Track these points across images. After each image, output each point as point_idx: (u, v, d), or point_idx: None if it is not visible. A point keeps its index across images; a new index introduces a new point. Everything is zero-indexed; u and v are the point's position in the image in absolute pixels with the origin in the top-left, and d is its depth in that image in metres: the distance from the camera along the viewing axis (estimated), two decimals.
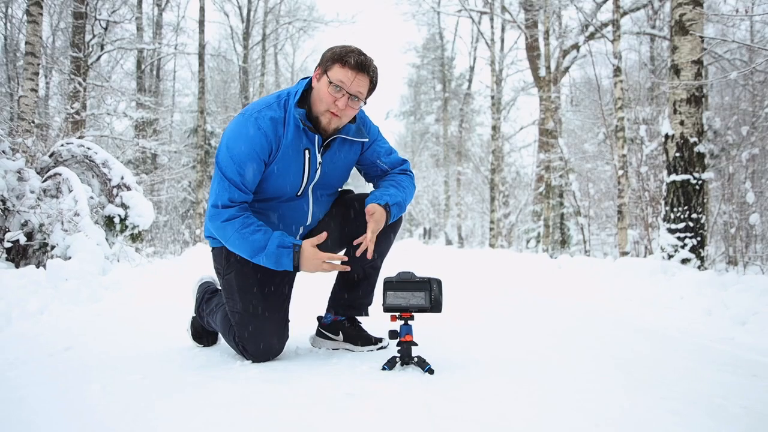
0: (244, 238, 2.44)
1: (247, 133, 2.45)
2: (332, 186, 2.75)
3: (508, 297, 5.46)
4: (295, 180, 2.57)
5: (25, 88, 8.03)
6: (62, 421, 1.82)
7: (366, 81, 2.46)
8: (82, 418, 1.84)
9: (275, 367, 2.48)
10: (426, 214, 40.24)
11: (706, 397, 2.09)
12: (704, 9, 6.87)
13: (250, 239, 2.43)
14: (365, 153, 2.75)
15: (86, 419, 1.83)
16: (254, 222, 2.47)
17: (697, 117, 6.68)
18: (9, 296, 3.96)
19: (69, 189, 6.41)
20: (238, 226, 2.45)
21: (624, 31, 14.52)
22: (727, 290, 4.51)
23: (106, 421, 1.81)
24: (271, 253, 2.44)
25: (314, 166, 2.58)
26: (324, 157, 2.60)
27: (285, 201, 2.62)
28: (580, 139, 17.88)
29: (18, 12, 14.68)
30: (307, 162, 2.55)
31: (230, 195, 2.46)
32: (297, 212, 2.67)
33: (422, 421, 1.78)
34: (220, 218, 2.47)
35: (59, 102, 14.50)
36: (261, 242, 2.44)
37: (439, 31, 32.20)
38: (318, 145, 2.55)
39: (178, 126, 24.90)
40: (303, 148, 2.52)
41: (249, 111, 2.50)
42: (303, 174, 2.57)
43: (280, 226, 2.66)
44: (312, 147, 2.54)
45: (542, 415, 1.85)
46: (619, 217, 10.46)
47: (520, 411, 1.89)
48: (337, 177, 2.73)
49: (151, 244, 11.07)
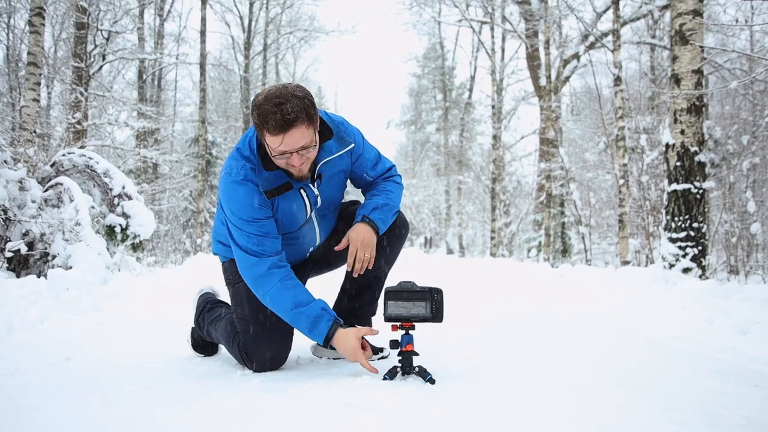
0: (286, 289, 2.41)
1: (241, 192, 2.42)
2: (334, 203, 2.76)
3: (509, 306, 5.45)
4: (299, 216, 2.60)
5: (27, 98, 8.05)
6: (63, 430, 1.82)
7: (300, 130, 2.29)
8: (83, 428, 1.84)
9: (276, 377, 2.48)
10: (427, 223, 40.23)
11: (708, 407, 2.08)
12: (704, 19, 6.90)
13: (293, 292, 2.42)
14: (355, 165, 2.73)
15: (87, 429, 1.83)
16: (293, 280, 2.46)
17: (697, 126, 6.69)
18: (10, 306, 3.96)
19: (70, 198, 6.42)
20: (282, 276, 2.43)
21: (624, 41, 14.56)
22: (729, 299, 4.50)
23: (106, 431, 1.81)
24: (311, 313, 2.40)
25: (313, 198, 2.59)
26: (321, 188, 2.60)
27: (293, 232, 2.65)
28: (580, 148, 17.90)
29: (20, 22, 14.76)
30: (306, 198, 2.56)
31: (261, 248, 2.44)
32: (306, 237, 2.72)
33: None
34: (262, 267, 2.43)
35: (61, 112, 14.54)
36: (305, 300, 2.42)
37: (440, 41, 32.34)
38: (310, 181, 2.55)
39: (179, 135, 24.96)
40: (298, 188, 2.53)
41: (234, 171, 2.44)
42: (305, 209, 2.59)
43: (291, 251, 2.69)
44: (305, 185, 2.54)
45: (543, 426, 1.85)
46: (620, 227, 10.46)
47: (521, 421, 1.88)
48: (337, 194, 2.74)
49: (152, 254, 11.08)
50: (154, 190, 14.10)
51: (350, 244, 2.58)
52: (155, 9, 20.60)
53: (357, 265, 2.57)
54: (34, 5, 8.14)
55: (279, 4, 24.46)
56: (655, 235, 10.36)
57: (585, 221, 14.24)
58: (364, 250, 2.57)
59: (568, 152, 16.48)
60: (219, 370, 2.66)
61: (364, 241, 2.57)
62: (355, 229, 2.59)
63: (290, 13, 26.23)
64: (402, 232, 2.81)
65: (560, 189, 15.77)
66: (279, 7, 24.65)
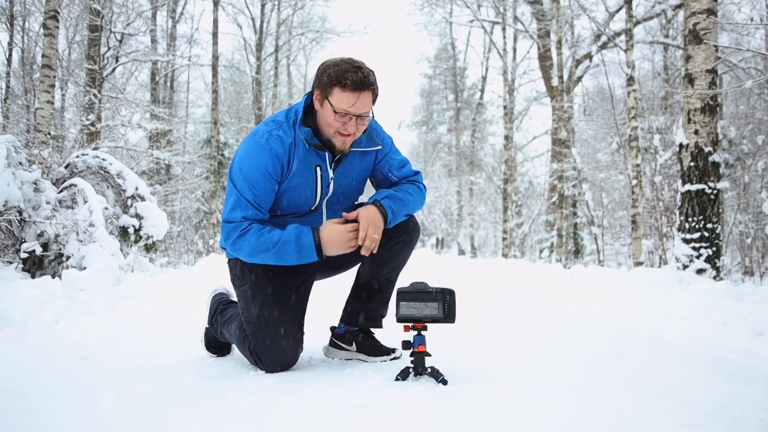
0: (260, 237, 2.42)
1: (258, 154, 2.44)
2: (347, 198, 2.73)
3: (521, 307, 5.44)
4: (309, 196, 2.58)
5: (42, 100, 8.12)
6: (76, 430, 1.83)
7: (369, 96, 2.41)
8: (96, 429, 1.85)
9: (288, 377, 2.49)
10: (438, 224, 40.19)
11: (722, 409, 2.06)
12: (718, 18, 6.85)
13: (267, 236, 2.42)
14: (378, 164, 2.73)
15: (100, 429, 1.84)
16: (269, 226, 2.47)
17: (711, 126, 6.65)
18: (25, 306, 4.00)
19: (84, 200, 6.46)
20: (255, 230, 2.44)
21: (637, 41, 14.47)
22: (744, 300, 4.47)
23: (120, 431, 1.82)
24: (289, 239, 2.40)
25: (326, 181, 2.58)
26: (336, 172, 2.60)
27: (300, 216, 2.62)
28: (593, 148, 17.83)
29: (35, 25, 14.90)
30: (319, 178, 2.55)
31: (245, 213, 2.46)
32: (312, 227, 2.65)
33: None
34: (235, 233, 2.46)
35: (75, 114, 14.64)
36: (277, 235, 2.41)
37: (451, 42, 32.27)
38: (329, 161, 2.55)
39: (191, 137, 25.08)
40: (314, 165, 2.53)
41: (260, 132, 2.48)
42: (316, 190, 2.57)
43: None
44: (323, 163, 2.54)
45: (555, 427, 1.84)
46: (633, 227, 10.40)
47: (534, 423, 1.88)
48: (351, 189, 2.72)
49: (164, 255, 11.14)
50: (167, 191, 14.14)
51: (360, 220, 2.47)
52: (168, 11, 20.74)
53: (367, 242, 2.44)
54: (49, 8, 8.21)
55: (290, 5, 24.49)
56: (668, 235, 10.30)
57: (597, 222, 14.18)
58: (373, 229, 2.47)
59: (581, 153, 16.41)
60: (231, 370, 2.67)
61: (374, 221, 2.47)
62: (365, 208, 2.51)
63: (302, 15, 26.29)
64: (414, 236, 2.77)
65: (572, 189, 15.70)
66: (290, 9, 24.68)
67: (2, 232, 5.84)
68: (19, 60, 15.57)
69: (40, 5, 13.11)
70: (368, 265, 2.79)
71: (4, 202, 5.54)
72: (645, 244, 11.08)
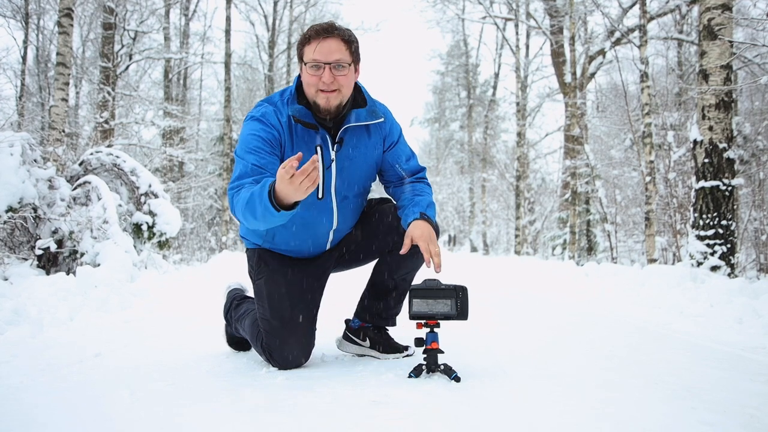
0: (246, 193, 2.26)
1: (253, 125, 2.47)
2: (355, 184, 2.64)
3: (534, 305, 5.42)
4: None
5: (56, 98, 8.17)
6: (91, 426, 1.84)
7: (337, 42, 2.40)
8: (111, 424, 1.86)
9: (301, 374, 2.49)
10: (451, 221, 40.12)
11: (739, 407, 2.05)
12: (733, 13, 6.78)
13: (248, 192, 2.26)
14: (387, 153, 2.70)
15: (115, 425, 1.85)
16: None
17: (726, 122, 6.59)
18: (41, 303, 4.04)
19: (98, 197, 6.51)
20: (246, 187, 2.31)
21: (651, 37, 14.37)
22: (759, 298, 4.43)
23: (134, 428, 1.83)
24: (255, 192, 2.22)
25: (327, 162, 2.51)
26: (338, 155, 2.54)
27: (307, 206, 2.50)
28: (606, 145, 17.70)
29: (49, 23, 14.99)
30: (320, 159, 2.46)
31: (242, 171, 2.39)
32: (322, 217, 2.61)
33: (448, 430, 1.77)
34: (235, 197, 2.34)
35: (89, 111, 14.75)
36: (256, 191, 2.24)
37: (464, 38, 32.11)
38: (330, 144, 2.52)
39: (204, 134, 25.14)
40: (315, 145, 2.49)
41: (255, 109, 2.54)
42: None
43: (307, 234, 2.63)
44: (324, 144, 2.51)
45: (571, 425, 1.83)
46: (647, 224, 10.33)
47: (548, 421, 1.87)
48: (359, 174, 2.64)
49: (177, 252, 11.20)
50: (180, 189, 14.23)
51: (419, 243, 2.43)
52: (181, 9, 20.82)
53: (435, 258, 2.42)
54: (63, 6, 8.25)
55: (303, 2, 24.53)
56: (682, 232, 10.21)
57: (611, 219, 14.09)
58: (433, 244, 2.45)
59: (594, 149, 16.31)
60: (245, 367, 2.67)
61: (430, 236, 2.45)
62: (416, 227, 2.46)
63: (314, 12, 26.29)
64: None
65: (585, 186, 15.62)
66: (303, 6, 24.72)
67: (17, 229, 5.89)
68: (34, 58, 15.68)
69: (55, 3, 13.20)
70: (386, 263, 2.78)
71: (20, 199, 5.58)
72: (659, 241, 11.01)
